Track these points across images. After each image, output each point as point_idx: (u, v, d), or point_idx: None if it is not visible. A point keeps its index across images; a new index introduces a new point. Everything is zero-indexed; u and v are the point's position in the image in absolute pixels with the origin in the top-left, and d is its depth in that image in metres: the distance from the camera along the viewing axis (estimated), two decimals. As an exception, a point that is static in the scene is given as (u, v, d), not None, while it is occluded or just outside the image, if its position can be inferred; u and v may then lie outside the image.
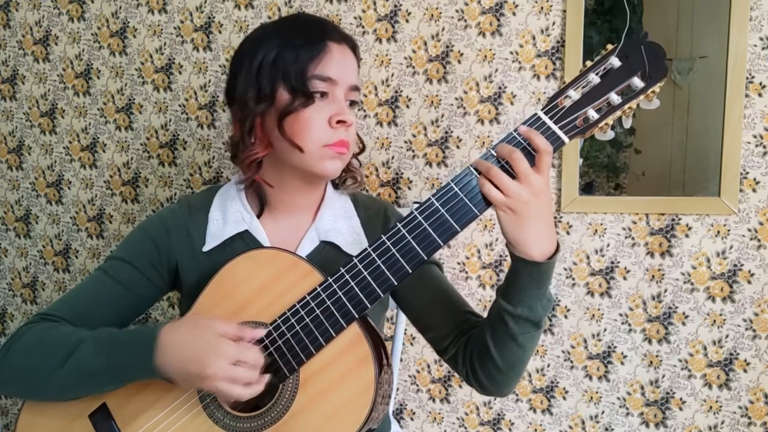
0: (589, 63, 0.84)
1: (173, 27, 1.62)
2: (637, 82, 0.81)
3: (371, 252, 0.85)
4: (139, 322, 1.76)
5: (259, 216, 1.02)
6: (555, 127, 0.82)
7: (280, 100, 0.93)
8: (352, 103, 0.99)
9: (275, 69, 0.93)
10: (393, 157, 1.53)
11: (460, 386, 1.56)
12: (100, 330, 0.92)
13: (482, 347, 0.91)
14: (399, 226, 0.84)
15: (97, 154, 1.73)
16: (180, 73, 1.63)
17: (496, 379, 0.93)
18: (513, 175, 0.81)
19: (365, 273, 0.85)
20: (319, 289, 0.86)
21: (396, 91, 1.51)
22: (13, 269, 1.86)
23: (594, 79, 0.82)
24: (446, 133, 1.49)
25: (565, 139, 0.82)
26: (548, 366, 1.51)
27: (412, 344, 1.58)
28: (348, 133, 0.96)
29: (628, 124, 0.87)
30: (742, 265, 1.38)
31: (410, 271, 0.84)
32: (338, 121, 0.94)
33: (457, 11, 1.45)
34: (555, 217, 1.45)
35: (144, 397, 0.91)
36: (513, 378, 0.93)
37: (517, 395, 1.53)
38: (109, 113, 1.70)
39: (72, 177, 1.76)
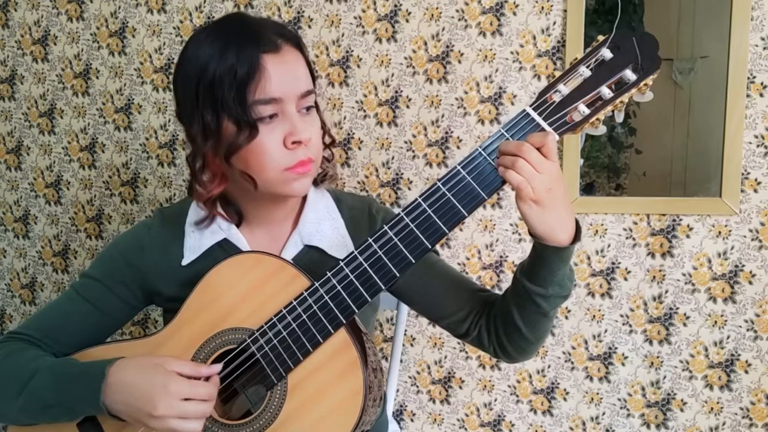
0: (579, 56, 0.81)
1: (172, 27, 1.62)
2: (629, 74, 0.78)
3: (358, 255, 0.83)
4: (138, 323, 1.76)
5: (238, 225, 0.98)
6: (544, 124, 0.80)
7: (226, 133, 0.87)
8: (310, 108, 0.92)
9: (214, 97, 0.86)
10: (393, 158, 1.52)
11: (461, 387, 1.56)
12: (58, 360, 0.92)
13: (510, 325, 0.92)
14: (386, 228, 0.82)
15: (96, 154, 1.72)
16: (179, 73, 1.63)
17: (526, 350, 0.95)
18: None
19: (352, 277, 0.83)
20: (305, 294, 0.84)
21: (396, 91, 1.50)
22: (12, 270, 1.86)
23: (585, 72, 0.79)
24: (446, 133, 1.48)
25: (555, 135, 0.80)
26: (549, 367, 1.50)
27: (412, 345, 1.57)
28: (308, 149, 0.89)
29: (620, 118, 0.84)
30: (743, 265, 1.37)
31: (398, 275, 0.82)
32: (294, 142, 0.88)
33: (457, 11, 1.44)
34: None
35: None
36: (542, 343, 0.95)
37: (517, 396, 1.53)
38: (108, 113, 1.70)
39: (71, 177, 1.75)
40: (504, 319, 0.93)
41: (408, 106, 1.50)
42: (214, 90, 0.85)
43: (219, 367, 0.87)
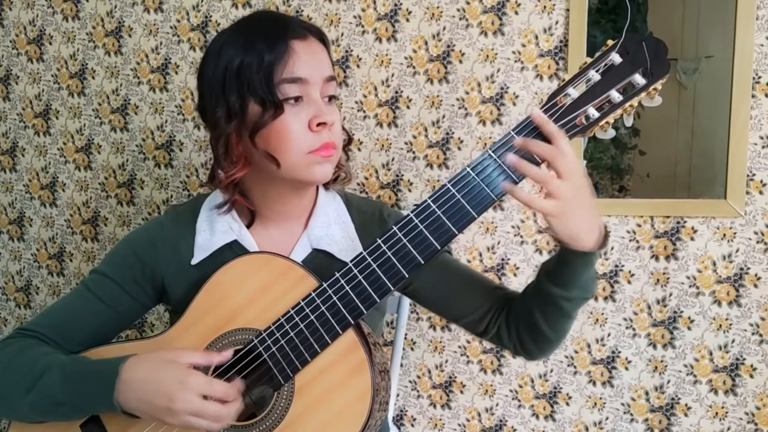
0: (589, 59, 0.82)
1: (169, 26, 1.60)
2: (639, 78, 0.79)
3: (366, 256, 0.83)
4: (135, 326, 1.74)
5: (249, 226, 0.99)
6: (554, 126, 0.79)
7: (251, 114, 0.89)
8: (332, 98, 0.94)
9: (240, 81, 0.88)
10: (393, 159, 1.51)
11: (462, 392, 1.54)
12: (69, 357, 0.92)
13: (531, 325, 0.92)
14: (395, 228, 0.83)
15: (92, 155, 1.71)
16: (176, 73, 1.61)
17: (546, 348, 0.96)
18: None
19: (360, 277, 0.83)
20: (313, 295, 0.85)
21: (396, 92, 1.48)
22: (7, 273, 1.84)
23: (594, 76, 0.80)
24: (447, 134, 1.46)
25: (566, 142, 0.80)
26: (551, 371, 1.48)
27: (412, 349, 1.56)
28: (332, 132, 0.91)
29: (629, 122, 0.85)
30: (748, 268, 1.36)
31: (407, 276, 0.82)
32: (319, 124, 0.89)
33: (458, 10, 1.43)
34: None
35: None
36: (563, 340, 0.95)
37: (519, 401, 1.51)
38: (104, 114, 1.68)
39: (66, 179, 1.74)
40: (526, 320, 0.93)
41: (408, 107, 1.48)
42: (241, 75, 0.88)
43: (230, 353, 0.86)
